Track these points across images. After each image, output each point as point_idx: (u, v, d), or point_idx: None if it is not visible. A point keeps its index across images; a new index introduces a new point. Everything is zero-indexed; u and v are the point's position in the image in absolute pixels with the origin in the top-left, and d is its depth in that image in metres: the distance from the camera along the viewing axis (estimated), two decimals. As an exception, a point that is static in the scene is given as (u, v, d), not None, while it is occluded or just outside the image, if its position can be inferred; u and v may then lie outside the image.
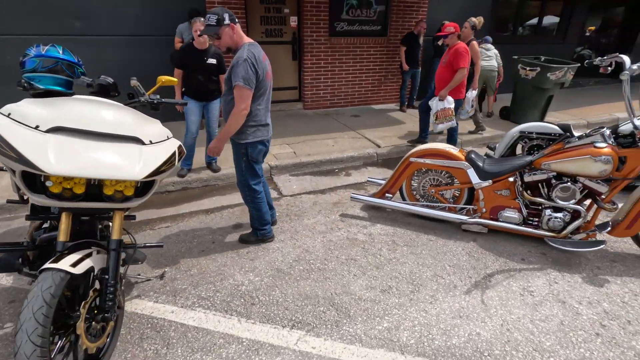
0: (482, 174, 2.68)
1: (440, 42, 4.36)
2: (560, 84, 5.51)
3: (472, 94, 4.76)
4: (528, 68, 5.58)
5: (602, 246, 2.35)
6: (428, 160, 2.87)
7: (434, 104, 4.24)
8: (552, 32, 8.79)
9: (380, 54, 6.77)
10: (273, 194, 3.65)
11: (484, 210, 2.77)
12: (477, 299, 2.14)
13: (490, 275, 2.35)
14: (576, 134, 3.68)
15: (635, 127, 2.29)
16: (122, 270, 1.78)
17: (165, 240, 2.78)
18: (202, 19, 3.26)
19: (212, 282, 2.31)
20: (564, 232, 2.50)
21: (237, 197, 3.41)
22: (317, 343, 1.85)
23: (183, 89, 3.62)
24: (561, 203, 2.47)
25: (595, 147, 2.31)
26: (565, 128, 3.69)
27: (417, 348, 1.81)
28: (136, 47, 5.24)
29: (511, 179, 2.63)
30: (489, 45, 5.98)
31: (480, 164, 2.70)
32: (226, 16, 2.13)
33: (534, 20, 8.54)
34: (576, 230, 2.51)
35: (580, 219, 2.46)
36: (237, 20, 2.19)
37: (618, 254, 2.58)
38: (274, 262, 2.52)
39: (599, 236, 2.52)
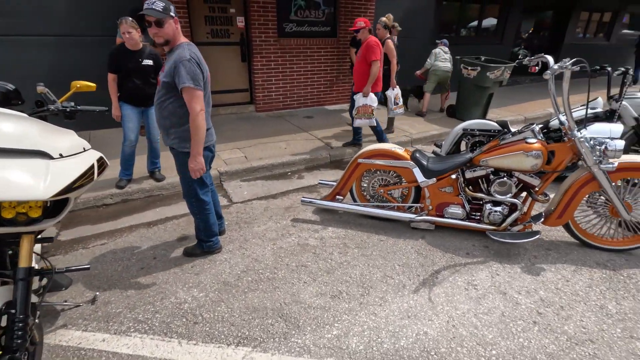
0: (427, 173, 2.74)
1: (358, 37, 4.49)
2: (499, 82, 5.84)
3: (393, 92, 4.92)
4: (470, 68, 5.86)
5: (537, 236, 2.48)
6: (375, 161, 2.88)
7: (357, 99, 4.29)
8: (491, 34, 9.33)
9: (331, 55, 6.78)
10: (222, 201, 3.50)
11: (430, 207, 2.83)
12: (424, 298, 2.16)
13: (438, 272, 2.40)
14: (513, 129, 3.91)
15: (560, 123, 2.43)
16: (37, 300, 1.58)
17: (100, 260, 2.55)
18: (130, 19, 3.04)
19: (150, 303, 2.14)
20: (504, 224, 2.61)
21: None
22: (264, 359, 1.76)
23: (119, 94, 3.36)
24: (499, 197, 2.58)
25: (526, 143, 2.44)
26: (503, 124, 3.89)
27: (366, 354, 1.79)
28: (68, 48, 4.81)
29: (453, 176, 2.71)
30: (446, 49, 6.44)
31: (425, 163, 2.76)
32: (172, 7, 2.00)
33: (475, 23, 9.02)
34: (514, 222, 2.64)
35: (517, 212, 2.58)
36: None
37: (552, 242, 2.75)
38: (221, 274, 2.40)
39: (535, 227, 2.66)
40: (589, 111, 3.66)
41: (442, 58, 6.33)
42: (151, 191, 3.61)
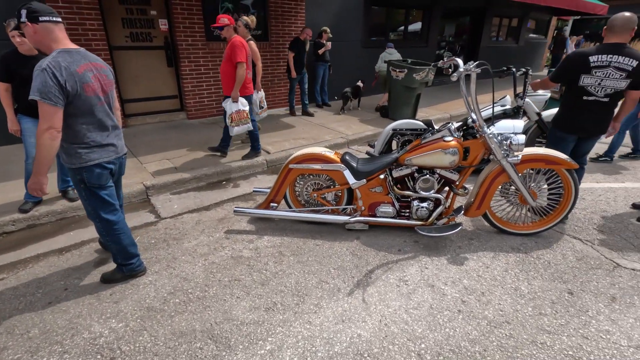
0: (357, 174, 2.78)
1: (220, 36, 4.45)
2: (425, 83, 6.19)
3: (258, 95, 4.71)
4: (398, 70, 6.14)
5: (459, 228, 2.64)
6: (307, 166, 2.86)
7: (228, 105, 4.03)
8: (417, 37, 9.90)
9: (264, 59, 6.68)
10: (149, 218, 3.25)
11: (363, 208, 2.88)
12: (358, 299, 2.18)
13: (371, 272, 2.44)
14: (437, 127, 4.15)
15: (472, 121, 2.62)
16: None
17: (-4, 298, 2.21)
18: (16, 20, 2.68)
19: (58, 342, 1.89)
20: (430, 219, 2.75)
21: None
22: (191, 388, 1.64)
23: (15, 106, 2.96)
24: (424, 194, 2.70)
25: (444, 141, 2.58)
26: (428, 123, 4.11)
27: (300, 365, 1.75)
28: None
29: (382, 176, 2.79)
30: (392, 50, 7.03)
31: (355, 165, 2.80)
32: (23, 13, 1.74)
33: (402, 27, 9.51)
34: (440, 216, 2.78)
35: (441, 206, 2.73)
36: (52, 19, 1.80)
37: (474, 232, 2.95)
38: (144, 299, 2.20)
39: (458, 219, 2.84)
40: (500, 108, 4.02)
41: (387, 59, 6.88)
42: (64, 213, 3.23)
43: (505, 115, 4.08)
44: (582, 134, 2.83)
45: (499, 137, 2.55)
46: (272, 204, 3.04)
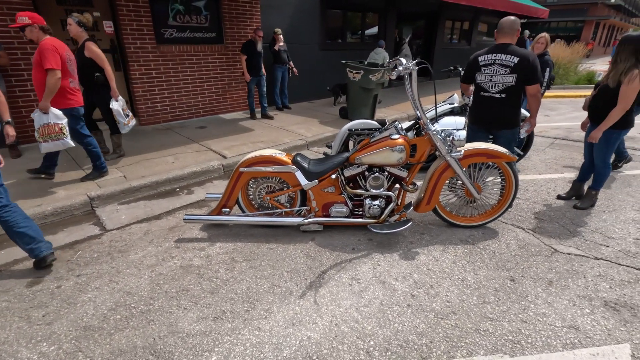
0: (309, 175, 2.77)
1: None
2: (381, 84, 6.32)
3: (119, 104, 4.08)
4: (354, 71, 6.22)
5: (409, 224, 2.70)
6: (258, 168, 2.81)
7: (36, 117, 3.33)
8: (374, 40, 10.12)
9: (220, 62, 6.56)
10: (93, 230, 3.06)
11: (316, 209, 2.87)
12: (310, 301, 2.16)
13: (324, 272, 2.43)
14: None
15: (417, 118, 2.68)
16: None
17: None
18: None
19: (-22, 373, 1.71)
20: (382, 216, 2.78)
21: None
22: (128, 409, 1.54)
23: None
24: (375, 192, 2.73)
25: (391, 139, 2.63)
26: (382, 122, 4.19)
27: (247, 374, 1.69)
28: None
29: (334, 176, 2.79)
30: (379, 49, 7.76)
31: (306, 166, 2.79)
32: None
33: (360, 30, 9.67)
34: (391, 213, 2.83)
35: (393, 203, 2.77)
36: None
37: (426, 227, 3.03)
38: (82, 318, 2.06)
39: (410, 215, 2.90)
40: (448, 106, 4.17)
41: (372, 58, 7.64)
42: (-6, 230, 2.96)
43: (452, 112, 4.24)
44: (485, 127, 3.11)
45: (442, 134, 2.63)
46: (224, 210, 2.96)
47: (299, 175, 2.77)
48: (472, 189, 2.78)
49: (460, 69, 4.36)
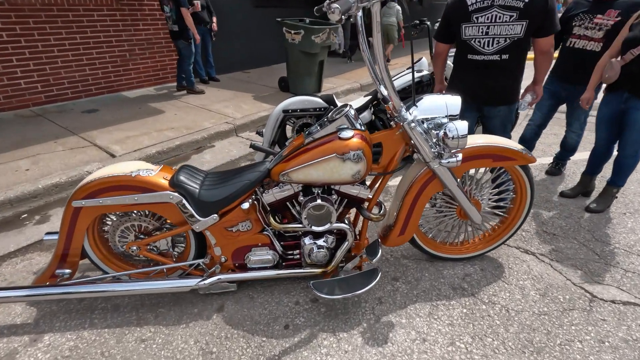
0: (202, 206, 1.58)
1: None
2: (327, 47, 5.08)
3: None
4: (293, 32, 4.90)
5: (377, 277, 1.64)
6: (104, 200, 1.56)
7: None
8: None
9: (112, 20, 4.87)
10: None
11: (223, 259, 1.71)
12: None
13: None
14: (339, 104, 3.10)
15: (382, 99, 1.56)
16: None
17: None
18: None
19: None
20: (332, 264, 1.70)
21: None
22: None
23: None
24: (319, 228, 1.62)
25: (340, 138, 1.49)
26: (329, 100, 3.05)
27: None
28: None
29: (246, 205, 1.61)
30: (392, 4, 7.37)
31: (196, 189, 1.58)
32: None
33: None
34: (348, 255, 1.76)
35: (347, 242, 1.68)
36: None
37: (397, 263, 2.00)
38: None
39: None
40: (415, 75, 3.09)
41: (386, 13, 7.30)
42: None
43: (420, 84, 3.18)
44: (476, 105, 2.12)
45: (424, 125, 1.55)
46: (59, 271, 1.69)
47: (186, 206, 1.57)
48: (471, 210, 1.76)
49: (428, 23, 3.27)
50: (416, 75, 3.06)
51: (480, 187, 1.84)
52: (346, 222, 1.70)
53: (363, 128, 1.57)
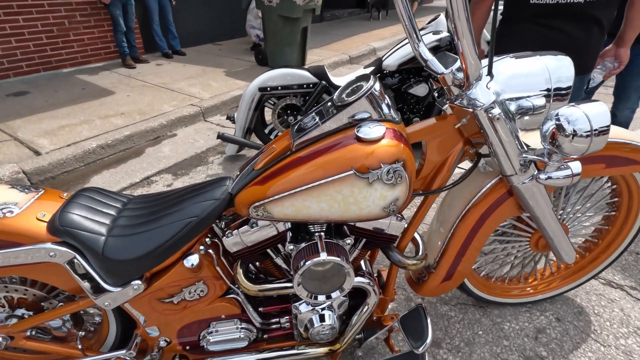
0: (113, 266, 0.87)
1: None
2: (311, 10, 4.25)
3: None
4: (270, -9, 4.04)
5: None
6: None
7: None
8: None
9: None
10: None
11: (164, 340, 1.03)
12: None
13: None
14: (335, 79, 2.38)
15: (425, 64, 0.86)
16: None
17: None
18: None
19: None
20: (346, 338, 1.05)
21: None
22: None
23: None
24: (324, 299, 0.93)
25: (359, 139, 0.79)
26: (320, 73, 2.35)
27: None
28: None
29: (193, 261, 0.91)
30: None
31: (101, 234, 0.86)
32: None
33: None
34: (370, 320, 1.10)
35: (368, 305, 1.02)
36: None
37: (438, 316, 1.36)
38: None
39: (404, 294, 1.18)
40: (432, 37, 2.37)
41: None
42: None
43: (438, 50, 2.47)
44: None
45: (513, 108, 0.86)
46: None
47: (83, 267, 0.86)
48: (563, 244, 1.12)
49: (445, -31, 2.52)
50: (433, 38, 2.34)
51: (571, 204, 1.19)
52: (365, 271, 1.03)
53: (398, 119, 0.87)
